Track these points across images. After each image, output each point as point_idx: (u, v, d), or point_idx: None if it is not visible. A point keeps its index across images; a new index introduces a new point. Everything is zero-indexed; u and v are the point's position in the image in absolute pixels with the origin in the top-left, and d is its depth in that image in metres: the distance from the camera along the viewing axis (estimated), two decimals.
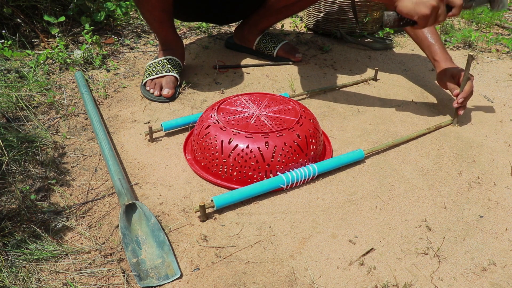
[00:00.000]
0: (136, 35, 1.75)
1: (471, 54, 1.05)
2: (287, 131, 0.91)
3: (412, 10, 0.94)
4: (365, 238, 0.79)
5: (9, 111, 1.15)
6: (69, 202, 0.87)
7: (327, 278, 0.71)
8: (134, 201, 0.81)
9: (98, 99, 1.25)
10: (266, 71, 1.45)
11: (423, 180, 0.94)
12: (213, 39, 1.73)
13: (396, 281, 0.71)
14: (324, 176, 0.95)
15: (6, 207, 0.83)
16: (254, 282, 0.70)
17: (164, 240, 0.76)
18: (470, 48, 1.68)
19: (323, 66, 1.50)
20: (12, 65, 1.39)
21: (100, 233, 0.79)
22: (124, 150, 1.03)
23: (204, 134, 0.94)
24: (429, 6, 0.93)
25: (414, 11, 0.94)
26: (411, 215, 0.85)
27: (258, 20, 1.48)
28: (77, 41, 1.64)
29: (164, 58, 1.31)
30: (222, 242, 0.78)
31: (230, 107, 1.00)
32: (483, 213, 0.86)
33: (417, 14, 0.94)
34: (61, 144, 1.04)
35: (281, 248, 0.77)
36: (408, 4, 0.94)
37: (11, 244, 0.75)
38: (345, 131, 1.12)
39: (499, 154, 1.04)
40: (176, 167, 0.97)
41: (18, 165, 0.93)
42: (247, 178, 0.89)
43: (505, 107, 1.25)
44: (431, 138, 1.09)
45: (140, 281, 0.70)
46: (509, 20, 2.00)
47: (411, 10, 0.94)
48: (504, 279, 0.72)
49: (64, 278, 0.70)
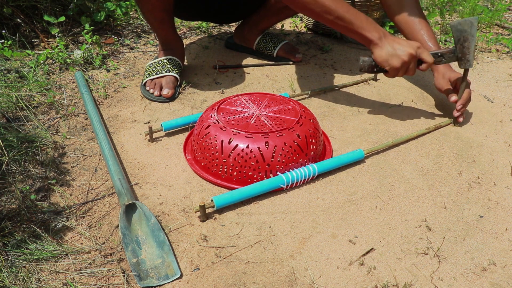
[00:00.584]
0: (136, 35, 1.75)
1: (468, 82, 1.08)
2: (287, 131, 0.91)
3: (385, 61, 1.02)
4: (365, 238, 0.79)
5: (9, 111, 1.15)
6: (69, 202, 0.87)
7: (327, 278, 0.71)
8: (134, 201, 0.81)
9: (98, 99, 1.25)
10: (266, 71, 1.45)
11: (423, 180, 0.94)
12: (213, 39, 1.73)
13: (396, 281, 0.71)
14: (324, 176, 0.95)
15: (6, 207, 0.83)
16: (254, 282, 0.70)
17: (164, 240, 0.76)
18: None
19: (323, 66, 1.50)
20: (12, 65, 1.39)
21: (100, 233, 0.79)
22: (124, 150, 1.03)
23: (204, 134, 0.94)
24: (401, 61, 1.00)
25: (387, 62, 1.02)
26: (411, 215, 0.85)
27: (259, 20, 1.48)
28: (77, 41, 1.64)
29: (164, 58, 1.31)
30: (222, 242, 0.78)
31: (230, 107, 1.00)
32: (483, 213, 0.86)
33: (389, 65, 1.02)
34: (61, 144, 1.04)
35: (281, 248, 0.77)
36: (383, 54, 1.02)
37: (11, 244, 0.75)
38: (345, 131, 1.12)
39: (499, 154, 1.04)
40: (176, 167, 0.97)
41: (18, 165, 0.93)
42: (247, 178, 0.89)
43: (505, 107, 1.25)
44: (431, 138, 1.09)
45: (140, 281, 0.70)
46: (509, 20, 2.00)
47: (384, 60, 1.02)
48: (504, 279, 0.72)
49: (64, 278, 0.70)
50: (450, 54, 1.06)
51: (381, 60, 1.03)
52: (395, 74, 1.04)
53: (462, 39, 1.04)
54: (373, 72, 1.08)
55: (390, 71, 1.03)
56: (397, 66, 1.01)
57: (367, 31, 1.01)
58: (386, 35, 1.03)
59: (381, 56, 1.02)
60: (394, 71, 1.03)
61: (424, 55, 1.02)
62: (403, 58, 1.00)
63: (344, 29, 1.03)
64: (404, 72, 1.03)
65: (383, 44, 1.01)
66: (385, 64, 1.03)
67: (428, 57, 1.02)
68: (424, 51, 1.02)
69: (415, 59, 1.02)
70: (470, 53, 1.05)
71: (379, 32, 1.02)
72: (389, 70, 1.03)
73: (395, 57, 1.01)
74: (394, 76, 1.05)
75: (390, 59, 1.01)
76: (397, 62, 1.01)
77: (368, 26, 1.01)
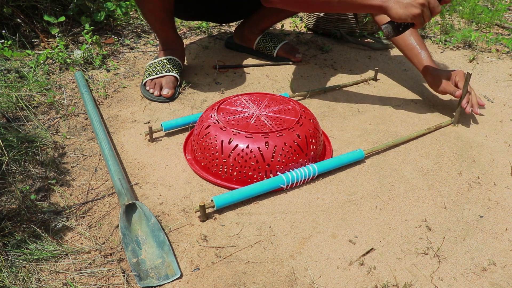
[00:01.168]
0: (136, 35, 1.75)
1: (469, 72, 1.08)
2: (287, 131, 0.91)
3: (403, 14, 0.98)
4: (365, 238, 0.79)
5: (9, 111, 1.15)
6: (69, 202, 0.87)
7: (327, 278, 0.71)
8: (134, 201, 0.81)
9: (98, 99, 1.25)
10: (266, 71, 1.45)
11: (423, 180, 0.94)
12: (213, 39, 1.73)
13: (396, 281, 0.71)
14: (324, 176, 0.95)
15: (6, 207, 0.83)
16: (254, 282, 0.70)
17: (164, 240, 0.76)
18: (470, 48, 1.68)
19: (323, 66, 1.50)
20: (12, 65, 1.39)
21: (100, 233, 0.79)
22: (124, 150, 1.03)
23: (204, 134, 0.94)
24: (417, 5, 0.96)
25: (406, 15, 0.97)
26: (411, 215, 0.85)
27: (259, 20, 1.48)
28: (77, 41, 1.64)
29: (165, 58, 1.31)
30: (222, 242, 0.78)
31: (230, 107, 1.00)
32: (483, 213, 0.86)
33: (411, 16, 0.97)
34: (61, 144, 1.04)
35: (281, 248, 0.77)
36: (399, 10, 0.98)
37: (11, 244, 0.75)
38: (345, 131, 1.12)
39: (499, 154, 1.04)
40: (176, 167, 0.97)
41: (18, 165, 0.93)
42: (247, 178, 0.89)
43: (505, 107, 1.25)
44: (431, 138, 1.09)
45: (140, 281, 0.70)
46: (509, 20, 2.00)
47: (402, 14, 0.98)
48: (504, 279, 0.72)
49: (64, 278, 0.70)
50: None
51: (399, 16, 0.99)
52: (422, 22, 0.99)
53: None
54: (400, 33, 1.04)
55: (415, 20, 0.99)
56: (418, 12, 0.97)
57: (371, 0, 1.00)
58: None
59: (398, 13, 0.98)
60: (419, 19, 0.98)
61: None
62: (418, 1, 0.96)
63: (351, 8, 1.02)
64: (428, 14, 0.98)
65: (391, 2, 0.99)
66: (406, 17, 0.98)
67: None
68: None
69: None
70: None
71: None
72: (413, 21, 0.99)
73: (410, 6, 0.97)
74: (422, 24, 1.00)
75: (408, 10, 0.97)
76: (416, 9, 0.97)
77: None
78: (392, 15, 0.99)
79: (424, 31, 1.84)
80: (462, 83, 1.10)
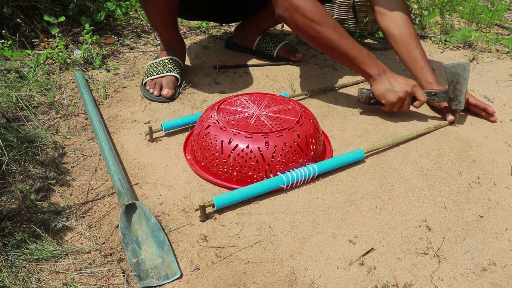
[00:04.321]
0: (136, 35, 1.75)
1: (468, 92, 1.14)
2: (287, 131, 0.91)
3: (382, 95, 1.10)
4: (365, 238, 0.79)
5: (9, 111, 1.15)
6: (69, 202, 0.87)
7: (327, 278, 0.71)
8: (134, 201, 0.81)
9: (98, 99, 1.25)
10: (266, 71, 1.45)
11: (423, 180, 0.94)
12: (213, 39, 1.73)
13: (396, 281, 0.71)
14: (324, 176, 0.95)
15: (6, 207, 0.83)
16: (254, 282, 0.70)
17: (164, 240, 0.76)
18: (470, 48, 1.68)
19: (323, 66, 1.50)
20: (12, 65, 1.39)
21: (100, 233, 0.79)
22: (124, 150, 1.03)
23: (204, 134, 0.94)
24: (397, 96, 1.08)
25: (384, 96, 1.10)
26: (411, 215, 0.85)
27: (259, 20, 1.48)
28: (77, 41, 1.65)
29: (166, 58, 1.31)
30: (222, 242, 0.78)
31: (230, 107, 1.00)
32: (483, 213, 0.86)
33: (385, 100, 1.10)
34: (61, 144, 1.04)
35: (281, 248, 0.77)
36: (381, 88, 1.09)
37: (11, 244, 0.75)
38: (345, 131, 1.12)
39: (499, 154, 1.04)
40: (176, 167, 0.97)
41: (18, 165, 0.93)
42: (247, 178, 0.89)
43: (505, 107, 1.25)
44: (431, 138, 1.09)
45: (140, 281, 0.70)
46: (509, 20, 2.00)
47: (381, 94, 1.10)
48: (504, 279, 0.72)
49: (64, 278, 0.70)
50: (443, 94, 1.13)
51: (378, 94, 1.10)
52: (391, 108, 1.12)
53: (455, 81, 1.11)
54: (370, 104, 1.16)
55: (386, 104, 1.11)
56: (393, 101, 1.08)
57: (368, 67, 1.08)
58: (386, 71, 1.10)
59: (379, 90, 1.09)
60: (390, 105, 1.10)
61: (419, 94, 1.09)
62: (399, 94, 1.07)
63: (346, 63, 1.10)
64: (399, 107, 1.11)
65: (382, 79, 1.09)
66: (382, 98, 1.10)
67: (422, 96, 1.10)
68: (419, 90, 1.09)
69: (411, 96, 1.09)
70: (461, 95, 1.11)
71: (379, 68, 1.09)
72: (385, 103, 1.10)
73: (391, 93, 1.08)
74: (389, 110, 1.13)
75: (387, 94, 1.09)
76: (394, 97, 1.08)
77: (369, 62, 1.08)
78: (373, 87, 1.11)
79: (424, 31, 1.84)
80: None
